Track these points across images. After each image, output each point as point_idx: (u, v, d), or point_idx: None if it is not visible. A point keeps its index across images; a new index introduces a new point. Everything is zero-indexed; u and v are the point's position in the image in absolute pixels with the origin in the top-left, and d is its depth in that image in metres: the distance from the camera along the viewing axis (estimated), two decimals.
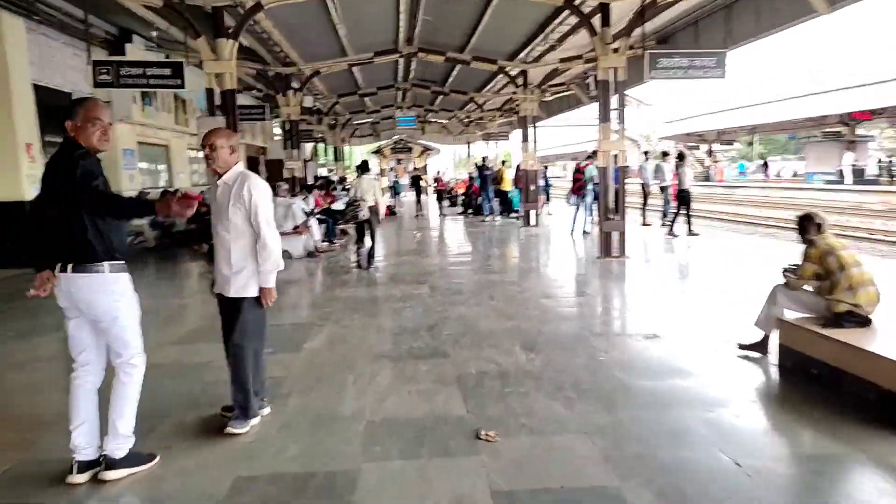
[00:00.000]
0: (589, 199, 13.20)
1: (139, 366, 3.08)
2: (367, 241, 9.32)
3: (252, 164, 24.69)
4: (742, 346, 4.78)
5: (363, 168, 10.11)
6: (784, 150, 68.24)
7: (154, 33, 12.55)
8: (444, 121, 31.91)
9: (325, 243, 12.20)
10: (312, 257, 10.86)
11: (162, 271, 10.36)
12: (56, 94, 11.82)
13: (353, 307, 6.71)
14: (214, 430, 3.46)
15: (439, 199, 21.49)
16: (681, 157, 12.62)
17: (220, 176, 3.39)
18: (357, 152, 41.37)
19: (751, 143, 52.22)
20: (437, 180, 23.42)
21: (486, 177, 17.81)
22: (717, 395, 3.89)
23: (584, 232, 13.04)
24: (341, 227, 14.13)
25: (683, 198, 12.08)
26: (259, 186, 3.33)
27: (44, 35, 11.16)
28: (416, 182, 21.86)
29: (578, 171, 13.23)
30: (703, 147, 46.49)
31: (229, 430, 3.39)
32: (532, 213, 15.49)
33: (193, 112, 16.70)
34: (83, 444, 2.99)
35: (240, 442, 3.35)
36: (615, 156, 9.78)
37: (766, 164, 46.71)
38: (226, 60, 8.91)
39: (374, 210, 9.29)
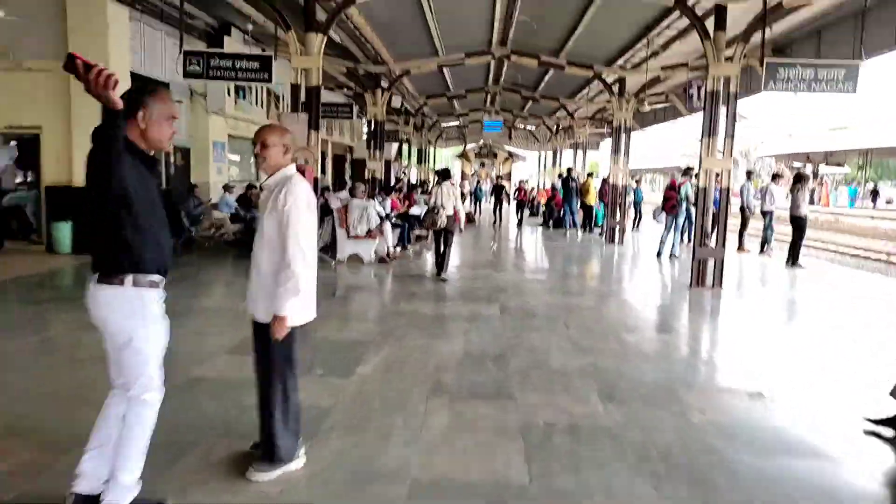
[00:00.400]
0: (681, 219, 12.17)
1: (152, 404, 2.64)
2: (443, 250, 9.02)
3: (338, 163, 24.91)
4: (872, 421, 3.90)
5: (444, 175, 9.65)
6: None
7: (250, 27, 12.61)
8: (531, 127, 31.18)
9: (398, 248, 11.83)
10: (384, 263, 10.49)
11: (238, 267, 10.31)
12: (154, 84, 12.13)
13: (416, 324, 6.21)
14: (240, 470, 3.02)
15: (519, 209, 20.63)
16: (798, 178, 11.38)
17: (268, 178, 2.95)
18: (442, 155, 41.24)
19: (861, 167, 47.90)
20: (519, 189, 22.21)
21: (570, 188, 16.95)
22: (844, 487, 3.08)
23: (673, 255, 12.01)
24: (417, 233, 13.75)
25: (799, 225, 10.87)
26: (298, 193, 2.82)
27: (146, 24, 11.41)
28: (498, 190, 20.84)
29: (671, 188, 12.19)
30: (808, 168, 42.97)
31: (250, 475, 2.94)
32: (617, 230, 14.52)
33: (286, 107, 16.94)
34: (89, 472, 2.59)
35: (262, 492, 2.89)
36: (717, 175, 8.81)
37: (875, 192, 41.85)
38: (314, 55, 8.67)
39: (452, 219, 8.88)
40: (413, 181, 25.38)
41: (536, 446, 3.45)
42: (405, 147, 26.10)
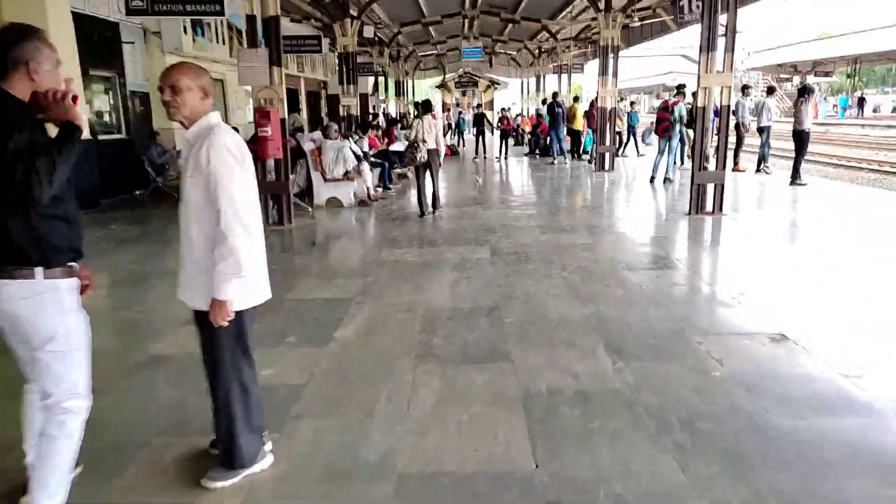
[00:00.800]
0: (674, 141, 11.57)
1: (76, 413, 2.17)
2: (429, 186, 8.83)
3: (313, 100, 23.71)
4: None
5: (425, 107, 9.25)
6: (883, 82, 62.01)
7: None
8: (513, 52, 29.85)
9: (380, 189, 11.19)
10: (364, 205, 9.89)
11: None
12: (102, 25, 11.07)
13: (400, 275, 5.70)
14: (194, 476, 2.56)
15: (503, 139, 19.32)
16: (803, 91, 10.74)
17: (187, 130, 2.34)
18: (421, 87, 39.72)
19: (850, 76, 46.87)
20: (502, 118, 20.88)
21: (556, 114, 16.15)
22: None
23: (667, 179, 11.49)
24: (399, 171, 13.07)
25: (801, 140, 10.33)
26: (220, 146, 2.22)
27: None
28: (479, 120, 19.10)
29: (664, 109, 11.53)
30: (796, 80, 41.88)
31: (206, 483, 2.48)
32: (607, 156, 13.89)
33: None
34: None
35: (220, 503, 2.44)
36: (718, 92, 8.17)
37: (862, 100, 40.91)
38: None
39: (434, 153, 8.67)
40: (392, 115, 24.33)
41: (540, 420, 3.01)
42: (381, 80, 24.85)
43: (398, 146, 14.23)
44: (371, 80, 23.92)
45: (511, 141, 20.57)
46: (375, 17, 17.64)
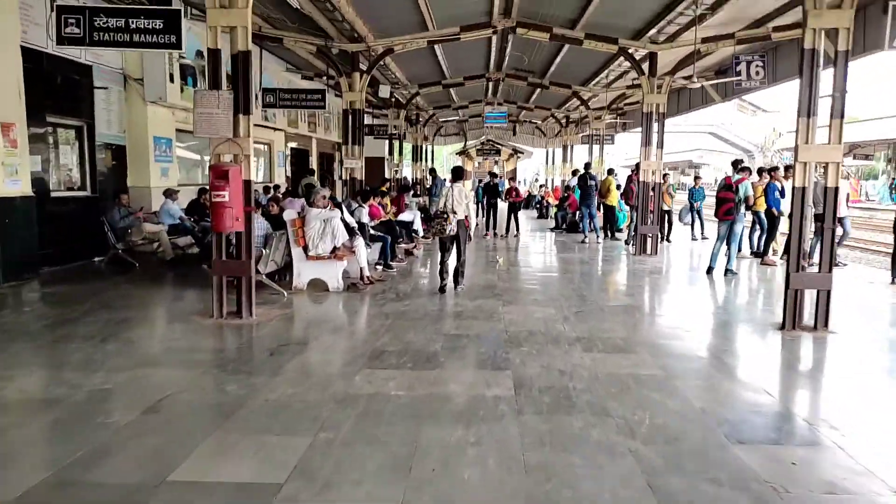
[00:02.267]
0: (738, 226, 9.52)
1: None
2: (452, 262, 7.92)
3: (326, 162, 22.20)
4: None
5: (457, 174, 8.41)
6: None
7: None
8: (538, 121, 28.61)
9: (379, 267, 9.21)
10: (356, 290, 7.88)
11: (160, 299, 7.70)
12: (69, 66, 9.52)
13: (372, 433, 3.58)
14: None
15: (511, 213, 15.40)
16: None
17: None
18: (441, 153, 38.57)
19: (890, 160, 44.79)
20: (510, 190, 16.02)
21: (589, 187, 14.23)
22: None
23: (728, 271, 9.37)
24: (406, 247, 11.11)
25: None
26: None
27: None
28: (493, 191, 15.40)
29: (727, 188, 9.51)
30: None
31: None
32: (649, 239, 11.84)
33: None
34: None
35: None
36: (823, 170, 6.17)
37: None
38: (239, 8, 6.04)
39: (462, 225, 7.80)
40: (408, 180, 22.71)
41: None
42: (398, 144, 23.42)
43: (407, 215, 12.38)
44: (387, 143, 22.56)
45: (523, 216, 18.38)
46: (392, 76, 16.24)
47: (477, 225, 10.02)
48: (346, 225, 8.18)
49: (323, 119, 20.14)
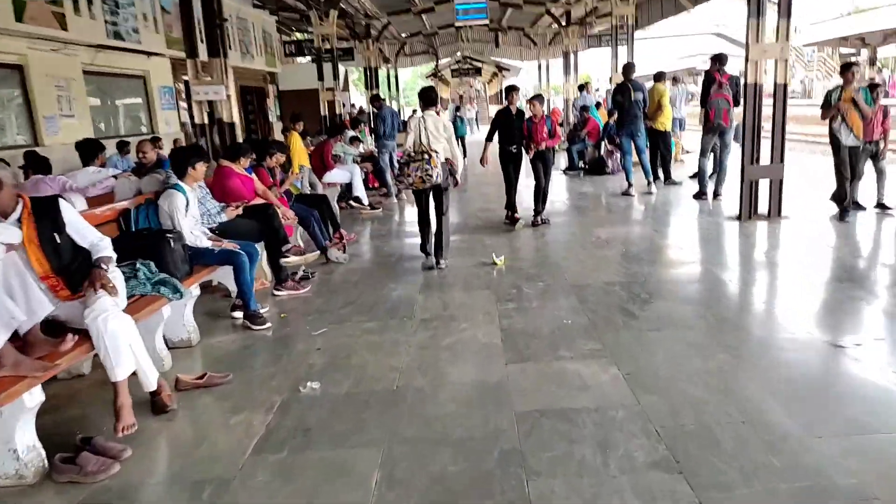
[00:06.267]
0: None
1: None
2: (434, 223, 5.73)
3: (259, 98, 17.30)
4: None
5: (427, 99, 5.70)
6: None
7: None
8: (526, 25, 21.66)
9: (298, 276, 5.39)
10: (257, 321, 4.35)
11: None
12: None
13: None
14: None
15: (542, 170, 7.57)
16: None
17: None
18: (412, 82, 34.42)
19: None
20: (538, 125, 7.14)
21: (633, 103, 8.74)
22: None
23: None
24: (342, 237, 6.51)
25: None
26: None
27: None
28: (512, 131, 7.74)
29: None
30: (864, 54, 31.28)
31: None
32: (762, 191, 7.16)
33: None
34: None
35: None
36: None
37: None
38: None
39: (446, 168, 5.60)
40: (354, 115, 15.94)
41: None
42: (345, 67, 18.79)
43: (338, 175, 8.96)
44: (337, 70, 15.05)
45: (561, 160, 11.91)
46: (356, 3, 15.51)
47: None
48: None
49: (238, 39, 13.79)
